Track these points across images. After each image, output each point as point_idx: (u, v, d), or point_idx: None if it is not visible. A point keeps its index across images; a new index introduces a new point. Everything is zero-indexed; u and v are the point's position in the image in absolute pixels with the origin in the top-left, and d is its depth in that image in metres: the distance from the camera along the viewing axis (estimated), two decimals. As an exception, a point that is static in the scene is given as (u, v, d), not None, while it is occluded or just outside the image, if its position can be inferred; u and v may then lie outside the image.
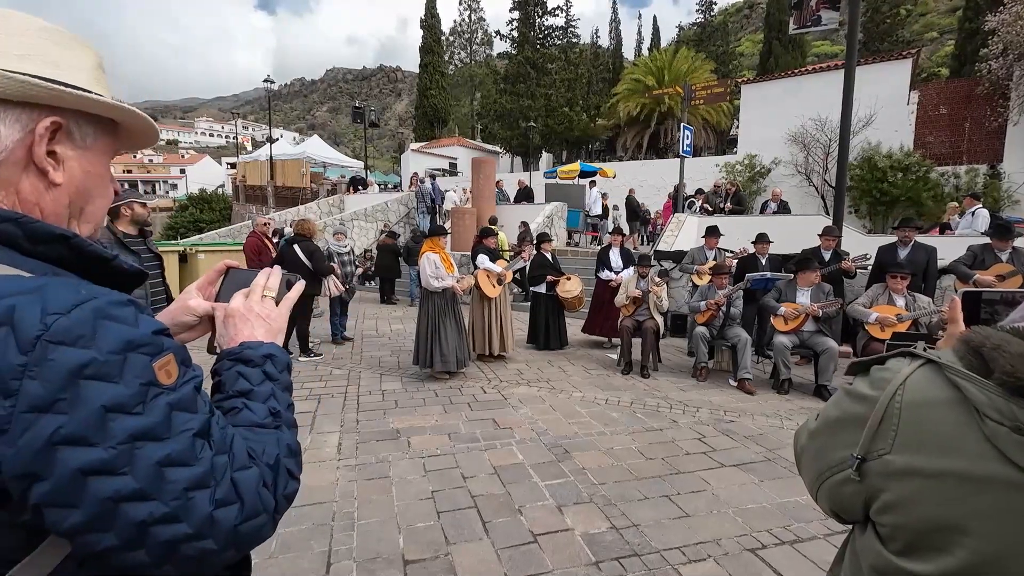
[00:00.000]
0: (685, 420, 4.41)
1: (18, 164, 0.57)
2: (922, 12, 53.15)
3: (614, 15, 48.20)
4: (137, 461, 0.51)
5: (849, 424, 0.70)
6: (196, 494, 0.55)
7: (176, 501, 0.53)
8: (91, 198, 0.65)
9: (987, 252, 5.28)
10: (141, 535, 0.52)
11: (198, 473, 0.55)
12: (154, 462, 0.52)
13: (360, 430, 4.06)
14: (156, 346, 0.55)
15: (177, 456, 0.54)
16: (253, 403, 0.69)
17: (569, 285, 6.97)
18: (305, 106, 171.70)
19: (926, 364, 0.65)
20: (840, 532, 2.67)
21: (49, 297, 0.50)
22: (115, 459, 0.50)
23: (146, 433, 0.52)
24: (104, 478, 0.49)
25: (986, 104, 14.14)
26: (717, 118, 25.05)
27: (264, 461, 0.63)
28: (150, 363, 0.54)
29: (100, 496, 0.49)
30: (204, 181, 49.21)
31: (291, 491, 0.67)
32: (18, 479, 0.47)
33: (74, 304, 0.51)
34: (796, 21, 9.53)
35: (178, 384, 0.57)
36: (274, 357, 0.74)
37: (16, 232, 0.55)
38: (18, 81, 0.55)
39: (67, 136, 0.61)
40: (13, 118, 0.56)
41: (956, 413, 0.60)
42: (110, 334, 0.52)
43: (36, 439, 0.47)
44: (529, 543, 2.56)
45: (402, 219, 17.53)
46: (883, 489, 0.65)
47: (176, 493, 0.53)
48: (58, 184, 0.60)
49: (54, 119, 0.58)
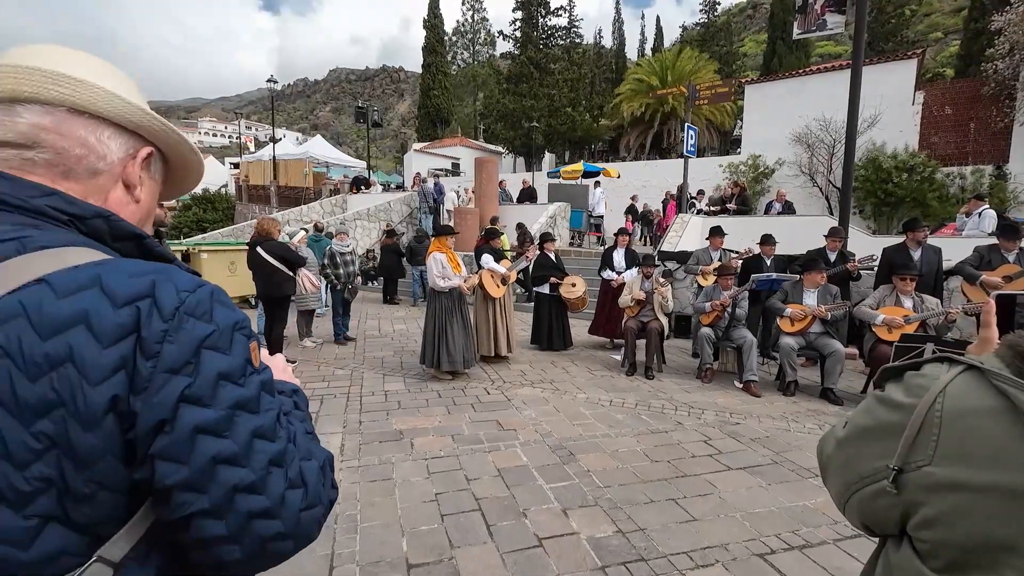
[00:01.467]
0: (690, 422, 4.37)
1: (114, 177, 0.68)
2: (926, 12, 52.94)
3: (617, 15, 48.24)
4: (236, 427, 0.59)
5: (883, 433, 0.67)
6: (275, 470, 0.61)
7: (262, 471, 0.60)
8: (148, 220, 0.76)
9: (994, 253, 5.23)
10: (228, 502, 0.58)
11: (279, 450, 0.62)
12: (249, 431, 0.60)
13: (363, 431, 4.03)
14: (249, 330, 0.65)
15: (266, 430, 0.62)
16: (293, 420, 0.73)
17: (573, 287, 6.94)
18: (308, 106, 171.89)
19: (968, 370, 0.61)
20: (851, 537, 2.63)
21: (177, 277, 0.60)
22: (221, 421, 0.58)
23: (246, 404, 0.60)
24: (211, 438, 0.57)
25: (992, 104, 14.06)
26: (720, 118, 24.99)
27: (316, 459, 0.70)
28: (247, 343, 0.63)
29: (206, 455, 0.56)
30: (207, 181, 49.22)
31: (333, 497, 0.72)
32: (148, 433, 0.55)
33: (197, 285, 0.61)
34: (800, 25, 9.46)
35: (261, 368, 0.66)
36: (299, 392, 0.82)
37: (103, 227, 0.64)
38: (143, 114, 0.69)
39: (151, 165, 0.73)
40: (123, 140, 0.69)
41: (1004, 423, 0.56)
42: (222, 313, 0.61)
43: (168, 397, 0.55)
44: (534, 547, 2.53)
45: (405, 219, 17.52)
46: (923, 503, 0.61)
47: (263, 464, 0.60)
48: (139, 201, 0.72)
49: (151, 149, 0.72)
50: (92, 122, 0.65)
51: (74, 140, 0.64)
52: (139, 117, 0.68)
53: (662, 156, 24.74)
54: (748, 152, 17.52)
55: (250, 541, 0.60)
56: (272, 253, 5.81)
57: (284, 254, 5.89)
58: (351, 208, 18.29)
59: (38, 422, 0.52)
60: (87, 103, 0.64)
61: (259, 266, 5.81)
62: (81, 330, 0.53)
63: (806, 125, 15.43)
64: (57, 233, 0.60)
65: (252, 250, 5.88)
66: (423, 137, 37.57)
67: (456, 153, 30.59)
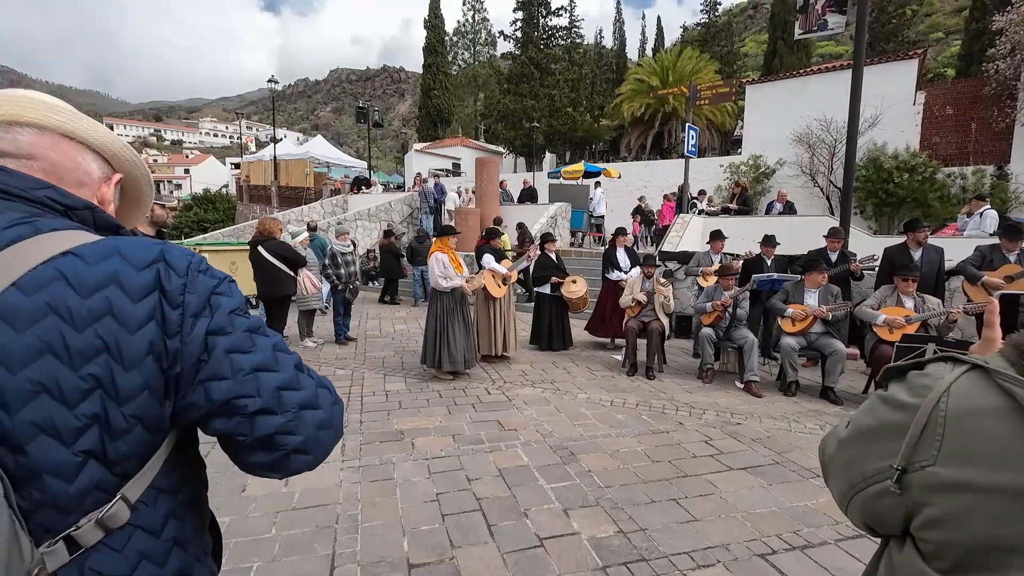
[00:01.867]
0: (691, 422, 4.37)
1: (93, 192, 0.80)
2: (928, 12, 52.88)
3: (618, 15, 48.22)
4: (258, 344, 0.75)
5: (886, 433, 0.66)
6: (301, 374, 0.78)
7: (292, 373, 0.76)
8: None
9: (995, 253, 5.22)
10: (277, 399, 0.73)
11: (298, 359, 0.80)
12: (270, 346, 0.76)
13: (364, 431, 4.03)
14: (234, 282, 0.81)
15: (282, 347, 0.78)
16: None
17: (574, 286, 6.94)
18: (309, 106, 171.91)
19: (972, 370, 0.61)
20: (852, 538, 2.63)
21: (175, 247, 0.74)
22: (244, 341, 0.73)
23: (257, 328, 0.76)
24: (241, 355, 0.72)
25: (993, 105, 14.03)
26: (721, 119, 24.95)
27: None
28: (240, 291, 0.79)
29: (244, 367, 0.72)
30: (208, 181, 49.38)
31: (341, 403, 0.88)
32: (193, 364, 0.69)
33: (192, 253, 0.75)
34: (801, 25, 9.46)
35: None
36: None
37: (90, 217, 0.75)
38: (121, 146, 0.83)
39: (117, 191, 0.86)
40: (100, 165, 0.81)
41: (1010, 423, 0.56)
42: (217, 271, 0.77)
43: (199, 334, 0.70)
44: (535, 547, 2.52)
45: (406, 219, 17.51)
46: (927, 503, 0.61)
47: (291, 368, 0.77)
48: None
49: (120, 176, 0.85)
50: (79, 146, 0.78)
51: (66, 156, 0.77)
52: (118, 148, 0.83)
53: (663, 156, 24.70)
54: (749, 152, 17.51)
55: (305, 428, 0.75)
56: (273, 252, 5.82)
57: (285, 253, 5.89)
58: (352, 208, 18.28)
59: (86, 366, 0.62)
60: (78, 130, 0.77)
61: (260, 265, 5.81)
62: (115, 289, 0.65)
63: (807, 125, 15.41)
64: (57, 220, 0.70)
65: (253, 249, 5.89)
66: (424, 137, 37.55)
67: (457, 153, 30.57)
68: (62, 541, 0.62)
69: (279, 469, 0.76)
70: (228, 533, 2.59)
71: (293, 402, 0.74)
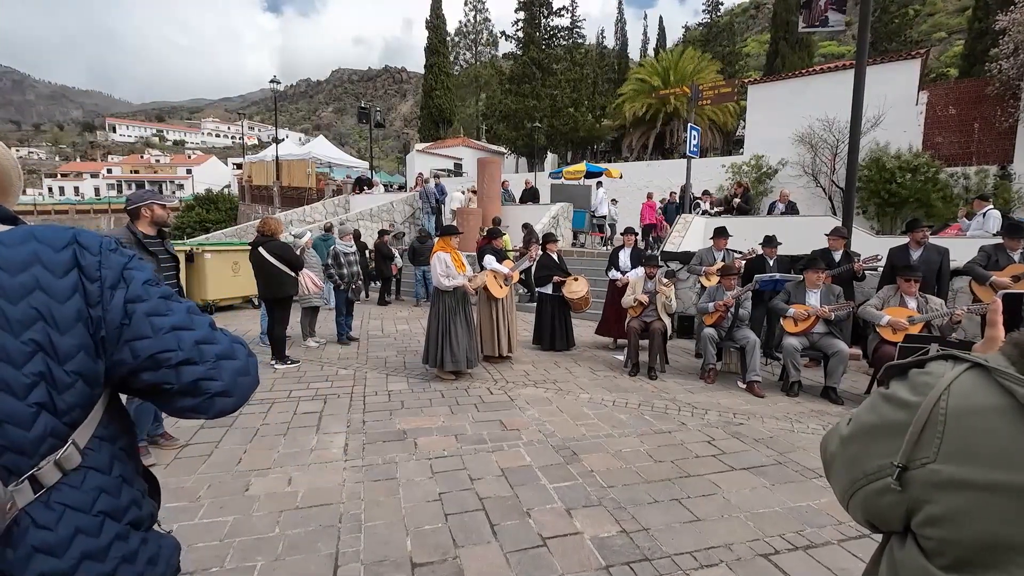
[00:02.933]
0: (694, 422, 4.37)
1: None
2: (930, 12, 52.76)
3: (620, 15, 48.21)
4: (172, 308, 0.86)
5: (887, 431, 0.67)
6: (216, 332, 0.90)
7: (207, 330, 0.88)
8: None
9: (1000, 252, 5.22)
10: (199, 351, 0.84)
11: (211, 319, 0.92)
12: (184, 309, 0.87)
13: (366, 431, 4.04)
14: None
15: (195, 311, 0.89)
16: None
17: (576, 286, 6.94)
18: (311, 107, 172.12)
19: (972, 368, 0.62)
20: (855, 538, 2.63)
21: (85, 231, 0.84)
22: (160, 306, 0.84)
23: (169, 296, 0.87)
24: (159, 317, 0.83)
25: (996, 104, 13.99)
26: (723, 119, 24.92)
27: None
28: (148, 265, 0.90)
29: (163, 326, 0.83)
30: (210, 181, 49.42)
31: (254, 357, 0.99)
32: (116, 328, 0.80)
33: (102, 236, 0.86)
34: (805, 20, 9.58)
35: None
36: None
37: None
38: None
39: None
40: None
41: (1010, 421, 0.56)
42: (125, 251, 0.87)
43: (118, 303, 0.81)
44: (538, 547, 2.53)
45: (407, 219, 17.53)
46: (928, 500, 0.61)
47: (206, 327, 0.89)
48: None
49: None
50: None
51: None
52: None
53: (664, 156, 24.66)
54: (751, 152, 17.47)
55: (225, 374, 0.86)
56: (273, 253, 5.83)
57: (285, 255, 5.90)
58: (354, 208, 18.31)
59: (26, 332, 0.73)
60: None
61: (261, 266, 5.82)
62: (39, 267, 0.76)
63: (809, 125, 15.37)
64: None
65: (254, 250, 5.90)
66: (425, 137, 37.56)
67: (458, 153, 30.55)
68: (27, 481, 0.73)
69: (205, 411, 0.86)
70: (231, 532, 2.60)
71: (212, 353, 0.85)
